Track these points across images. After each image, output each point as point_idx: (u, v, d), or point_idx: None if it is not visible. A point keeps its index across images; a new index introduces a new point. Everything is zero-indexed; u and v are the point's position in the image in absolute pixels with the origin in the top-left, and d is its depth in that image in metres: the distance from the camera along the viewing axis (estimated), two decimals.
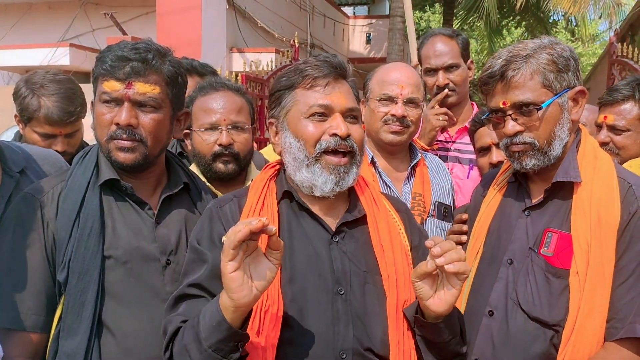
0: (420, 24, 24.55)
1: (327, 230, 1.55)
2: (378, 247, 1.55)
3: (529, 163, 1.64)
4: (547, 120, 1.62)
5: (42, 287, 1.61)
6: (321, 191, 1.51)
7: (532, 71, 1.60)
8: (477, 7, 12.68)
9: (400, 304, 1.50)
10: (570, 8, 10.78)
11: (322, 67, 1.53)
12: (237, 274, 1.25)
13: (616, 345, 1.49)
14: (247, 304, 1.28)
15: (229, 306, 1.28)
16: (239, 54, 9.07)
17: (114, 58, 1.62)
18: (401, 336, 1.47)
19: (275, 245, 1.29)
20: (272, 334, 1.38)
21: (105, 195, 1.70)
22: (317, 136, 1.50)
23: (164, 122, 1.71)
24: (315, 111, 1.51)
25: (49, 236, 1.62)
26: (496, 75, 1.64)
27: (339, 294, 1.48)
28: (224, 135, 2.15)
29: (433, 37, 2.91)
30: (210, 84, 2.27)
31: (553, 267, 1.57)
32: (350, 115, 1.55)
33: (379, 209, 1.62)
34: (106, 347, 1.59)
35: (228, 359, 1.32)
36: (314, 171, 1.50)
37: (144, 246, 1.68)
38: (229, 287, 1.26)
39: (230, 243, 1.23)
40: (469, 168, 2.75)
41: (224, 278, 1.27)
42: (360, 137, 1.55)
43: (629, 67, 7.21)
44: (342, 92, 1.54)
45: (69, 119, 2.39)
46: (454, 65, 2.81)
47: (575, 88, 1.65)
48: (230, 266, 1.25)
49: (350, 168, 1.53)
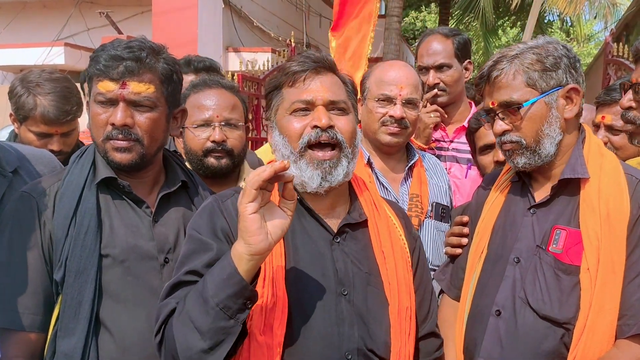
0: (415, 24, 24.60)
1: (329, 231, 1.53)
2: (379, 253, 1.54)
3: (520, 161, 1.66)
4: (531, 118, 1.63)
5: (40, 287, 1.59)
6: (310, 188, 1.48)
7: (514, 71, 1.64)
8: (473, 7, 12.71)
9: (402, 310, 1.50)
10: (565, 8, 10.81)
11: (303, 63, 1.51)
12: (256, 216, 1.26)
13: (628, 342, 1.47)
14: (262, 251, 1.27)
15: (245, 254, 1.27)
16: (235, 53, 9.04)
17: (108, 58, 1.61)
18: (403, 343, 1.48)
19: (290, 195, 1.30)
20: (279, 332, 1.36)
21: (102, 193, 1.68)
22: (299, 131, 1.48)
23: (160, 120, 1.70)
24: (296, 107, 1.50)
25: (46, 235, 1.61)
26: (484, 76, 1.69)
27: (343, 294, 1.46)
28: (217, 131, 2.14)
29: (430, 35, 2.89)
30: (203, 82, 2.26)
31: (563, 263, 1.56)
32: (336, 108, 1.51)
33: (380, 214, 1.61)
34: (104, 346, 1.58)
35: (235, 320, 1.28)
36: (300, 167, 1.48)
37: (141, 245, 1.66)
38: (247, 230, 1.26)
39: (254, 183, 1.24)
40: (467, 168, 2.73)
41: (242, 222, 1.27)
42: (348, 128, 1.51)
43: (624, 67, 7.24)
44: (325, 84, 1.51)
45: (65, 118, 2.37)
46: (445, 65, 2.78)
47: (567, 86, 1.65)
48: (251, 207, 1.26)
49: (339, 162, 1.48)
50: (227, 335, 1.29)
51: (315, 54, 1.56)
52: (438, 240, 2.19)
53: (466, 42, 2.90)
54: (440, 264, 2.06)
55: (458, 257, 1.89)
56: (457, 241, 1.89)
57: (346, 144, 1.49)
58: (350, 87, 1.60)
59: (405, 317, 1.51)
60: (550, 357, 1.53)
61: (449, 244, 1.94)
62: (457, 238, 1.89)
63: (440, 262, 2.11)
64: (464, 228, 1.90)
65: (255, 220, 1.26)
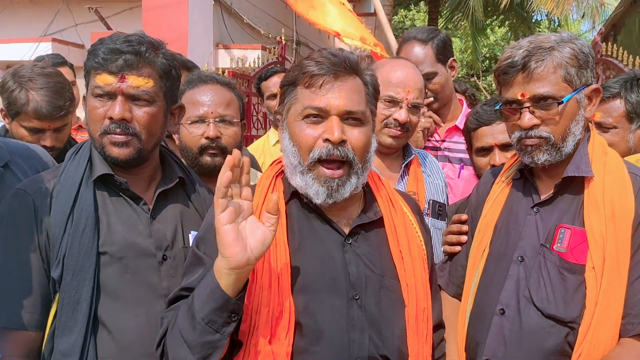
0: (405, 23, 24.64)
1: (340, 233, 1.48)
2: (396, 252, 1.50)
3: (541, 158, 1.61)
4: (565, 115, 1.59)
5: (37, 285, 1.57)
6: (315, 201, 1.44)
7: (555, 64, 1.57)
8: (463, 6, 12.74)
9: (419, 312, 1.46)
10: (553, 8, 10.87)
11: (321, 65, 1.42)
12: (231, 227, 1.22)
13: (632, 340, 1.48)
14: (241, 265, 1.23)
15: (223, 268, 1.24)
16: (225, 50, 8.99)
17: (107, 51, 1.59)
18: (421, 345, 1.44)
19: (274, 209, 1.26)
20: (286, 342, 1.33)
21: (99, 190, 1.67)
22: (310, 143, 1.42)
23: (158, 115, 1.68)
24: (308, 113, 1.42)
25: (43, 233, 1.59)
26: (517, 65, 1.58)
27: (354, 299, 1.42)
28: (211, 127, 2.12)
29: (407, 44, 2.80)
30: (199, 77, 2.24)
31: (568, 262, 1.55)
32: (351, 118, 1.43)
33: (396, 211, 1.56)
34: (102, 345, 1.57)
35: (221, 334, 1.27)
36: (306, 180, 1.43)
37: (139, 242, 1.65)
38: (223, 242, 1.23)
39: (218, 191, 1.22)
40: (459, 167, 2.73)
41: (217, 235, 1.23)
42: (361, 143, 1.43)
43: (613, 67, 7.30)
44: (343, 91, 1.42)
45: (58, 114, 2.34)
46: (430, 74, 2.72)
47: (592, 86, 1.63)
48: (223, 218, 1.22)
49: (347, 180, 1.42)
50: (214, 349, 1.29)
51: (336, 53, 1.45)
52: (435, 238, 2.18)
53: (445, 41, 2.81)
54: (437, 261, 2.06)
55: (457, 255, 1.88)
56: (456, 239, 1.88)
57: (357, 160, 1.43)
58: (372, 89, 1.51)
59: (423, 319, 1.47)
60: (554, 355, 1.53)
61: (447, 242, 1.93)
62: (457, 236, 1.88)
63: (438, 260, 2.10)
64: (462, 226, 1.89)
65: (229, 232, 1.22)
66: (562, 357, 1.52)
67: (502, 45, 24.52)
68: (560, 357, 1.52)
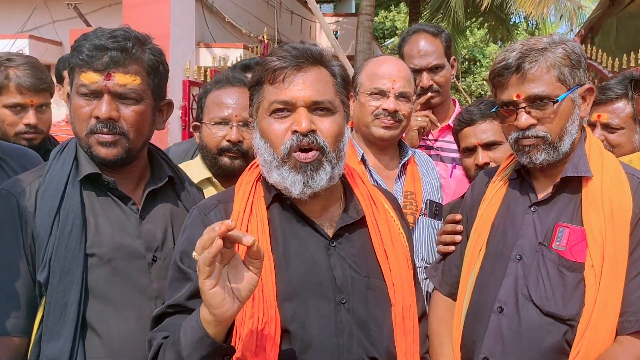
0: (385, 24, 24.73)
1: (324, 235, 1.46)
2: (381, 252, 1.49)
3: (539, 157, 1.63)
4: (561, 114, 1.62)
5: (22, 289, 1.52)
6: (293, 194, 1.41)
7: (549, 64, 1.60)
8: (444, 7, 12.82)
9: (406, 310, 1.46)
10: (532, 11, 11.01)
11: (283, 58, 1.40)
12: (217, 289, 1.16)
13: (630, 338, 1.49)
14: (230, 317, 1.20)
15: (211, 321, 1.19)
16: (207, 49, 8.92)
17: (91, 47, 1.55)
18: (409, 344, 1.44)
19: (255, 255, 1.17)
20: (272, 354, 1.30)
21: (86, 190, 1.62)
22: (280, 137, 1.40)
23: (146, 113, 1.65)
24: (275, 108, 1.40)
25: (28, 234, 1.54)
26: (511, 67, 1.61)
27: (342, 303, 1.40)
28: (234, 131, 2.11)
29: (416, 34, 2.81)
30: (227, 78, 2.23)
31: (567, 260, 1.57)
32: (319, 108, 1.41)
33: (378, 209, 1.55)
34: (91, 349, 1.52)
35: None
36: (282, 173, 1.40)
37: (128, 243, 1.61)
38: (210, 304, 1.17)
39: (205, 260, 1.13)
40: (451, 167, 2.73)
41: (203, 296, 1.18)
42: (331, 131, 1.41)
43: (592, 69, 7.42)
44: (307, 82, 1.39)
45: (41, 85, 2.40)
46: (439, 66, 2.74)
47: (585, 85, 1.66)
48: (209, 283, 1.15)
49: (321, 165, 1.39)
50: None
51: (298, 46, 1.43)
52: (432, 237, 2.19)
53: (451, 39, 2.89)
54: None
55: (451, 254, 1.88)
56: (450, 239, 1.88)
57: (329, 148, 1.40)
58: (341, 80, 1.48)
59: (409, 316, 1.48)
60: (553, 353, 1.53)
61: (441, 242, 1.93)
62: (451, 236, 1.88)
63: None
64: (457, 226, 1.88)
65: (215, 295, 1.16)
66: (560, 354, 1.53)
67: (481, 47, 24.79)
68: (559, 355, 1.53)
